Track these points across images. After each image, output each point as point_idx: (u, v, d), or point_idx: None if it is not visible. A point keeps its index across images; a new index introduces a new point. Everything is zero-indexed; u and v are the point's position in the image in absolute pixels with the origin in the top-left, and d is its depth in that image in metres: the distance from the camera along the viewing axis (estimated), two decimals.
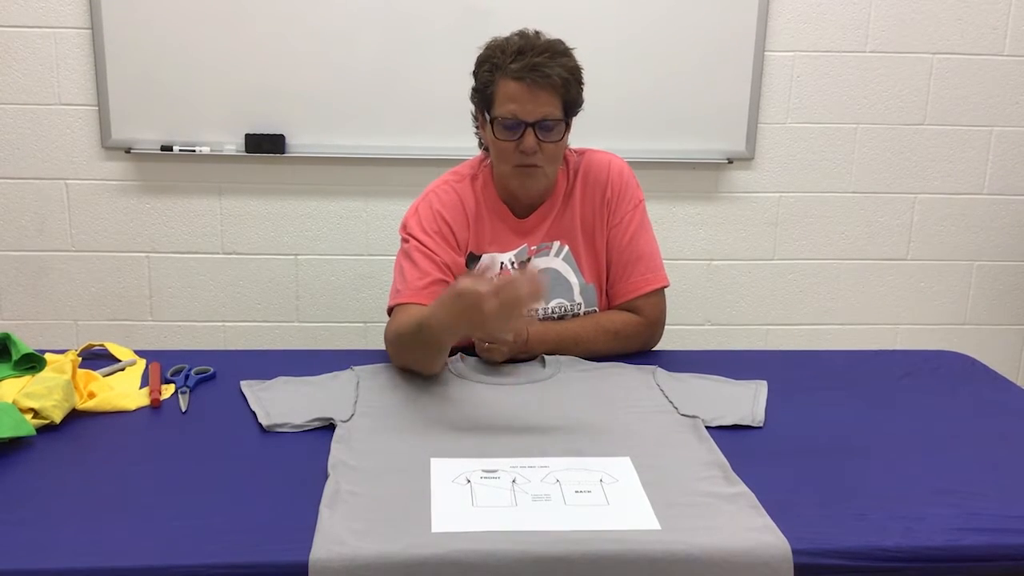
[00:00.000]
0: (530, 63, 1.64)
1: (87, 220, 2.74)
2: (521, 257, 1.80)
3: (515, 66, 1.65)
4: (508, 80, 1.66)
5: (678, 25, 2.68)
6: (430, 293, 1.68)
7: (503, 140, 1.69)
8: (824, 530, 1.19)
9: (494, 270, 1.78)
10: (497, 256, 1.80)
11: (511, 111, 1.67)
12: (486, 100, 1.72)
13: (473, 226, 1.79)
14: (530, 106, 1.66)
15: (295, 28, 2.61)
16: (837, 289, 2.98)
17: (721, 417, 1.51)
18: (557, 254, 1.81)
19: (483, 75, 1.71)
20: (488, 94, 1.70)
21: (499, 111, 1.68)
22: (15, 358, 1.61)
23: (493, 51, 1.70)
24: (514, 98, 1.66)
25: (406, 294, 1.71)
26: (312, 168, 2.75)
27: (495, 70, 1.68)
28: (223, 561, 1.10)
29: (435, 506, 1.20)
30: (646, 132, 2.75)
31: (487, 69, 1.70)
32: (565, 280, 1.81)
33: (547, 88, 1.65)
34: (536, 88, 1.65)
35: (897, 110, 2.84)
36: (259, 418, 1.48)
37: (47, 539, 1.14)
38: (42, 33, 2.60)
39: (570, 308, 1.81)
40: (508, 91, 1.67)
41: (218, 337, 2.85)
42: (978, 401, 1.64)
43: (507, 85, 1.67)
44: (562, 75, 1.66)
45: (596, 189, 1.82)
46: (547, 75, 1.64)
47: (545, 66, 1.64)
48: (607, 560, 1.12)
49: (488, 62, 1.70)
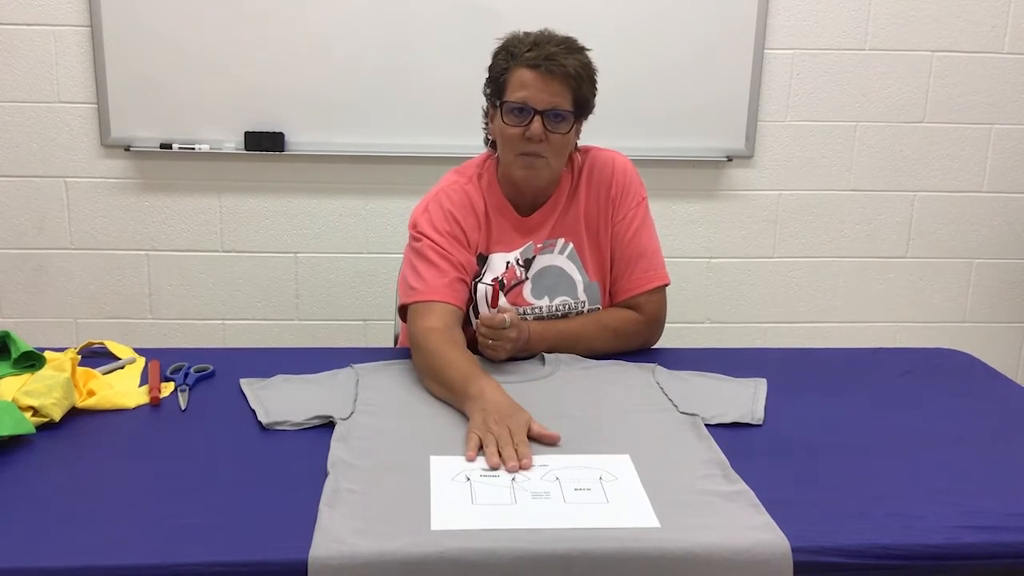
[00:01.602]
0: (546, 52, 1.67)
1: (86, 218, 2.74)
2: (527, 255, 1.80)
3: (531, 54, 1.68)
4: (522, 68, 1.69)
5: (677, 23, 2.68)
6: (453, 291, 1.70)
7: (511, 125, 1.70)
8: (823, 528, 1.19)
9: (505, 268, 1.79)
10: (504, 256, 1.80)
11: (522, 97, 1.69)
12: (499, 87, 1.73)
13: (483, 226, 1.79)
14: (541, 94, 1.68)
15: (295, 26, 2.61)
16: (836, 287, 2.98)
17: (721, 415, 1.51)
18: (561, 251, 1.82)
19: (498, 63, 1.74)
20: (501, 81, 1.72)
21: (510, 96, 1.70)
22: (15, 356, 1.61)
23: (511, 41, 1.73)
24: (526, 85, 1.68)
25: (427, 292, 1.70)
26: (312, 166, 2.75)
27: (511, 58, 1.71)
28: (223, 559, 1.10)
29: (435, 504, 1.20)
30: (645, 130, 2.75)
31: (502, 58, 1.73)
32: (569, 277, 1.81)
33: (560, 78, 1.67)
34: (549, 77, 1.67)
35: (897, 108, 2.84)
36: (259, 416, 1.48)
37: (46, 537, 1.14)
38: (42, 31, 2.60)
39: (573, 306, 1.81)
40: (521, 78, 1.69)
41: (217, 335, 2.85)
42: (977, 399, 1.64)
43: (521, 73, 1.69)
44: (576, 68, 1.68)
45: (601, 187, 1.82)
46: (561, 65, 1.67)
47: (560, 57, 1.67)
48: (606, 558, 1.12)
49: (504, 51, 1.73)
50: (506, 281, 1.78)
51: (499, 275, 1.78)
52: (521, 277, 1.79)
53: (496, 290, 1.77)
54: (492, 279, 1.78)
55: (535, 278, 1.80)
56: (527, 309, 1.79)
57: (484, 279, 1.78)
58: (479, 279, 1.78)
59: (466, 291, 1.75)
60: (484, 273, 1.78)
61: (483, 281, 1.78)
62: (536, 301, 1.80)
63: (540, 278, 1.80)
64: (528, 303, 1.79)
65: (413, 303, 1.71)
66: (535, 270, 1.80)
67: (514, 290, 1.79)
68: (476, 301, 1.77)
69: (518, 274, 1.79)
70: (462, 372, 1.53)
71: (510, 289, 1.79)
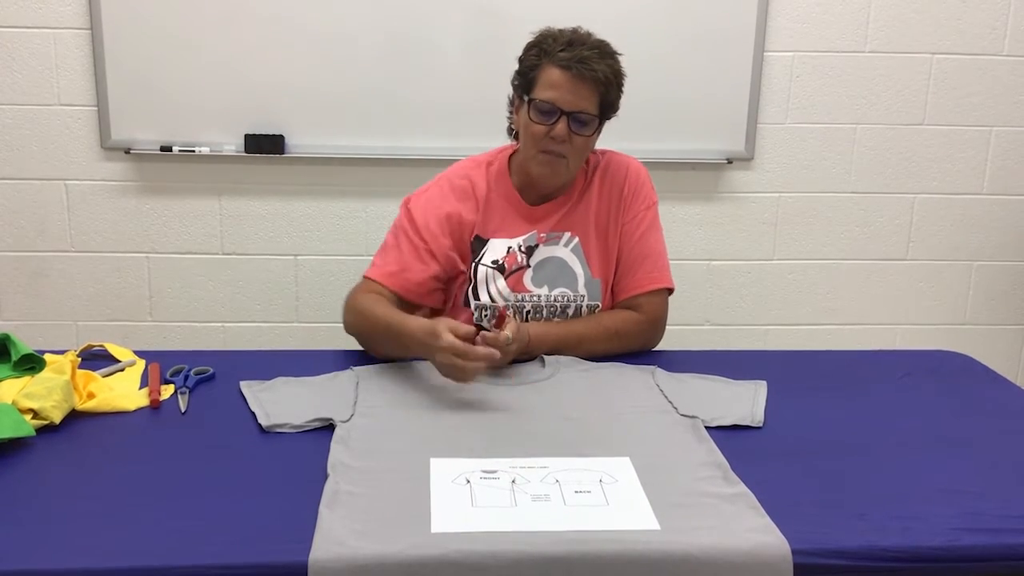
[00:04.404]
0: (579, 55, 1.68)
1: (86, 221, 2.75)
2: (530, 243, 1.82)
3: (564, 55, 1.69)
4: (553, 67, 1.70)
5: (677, 25, 2.68)
6: (403, 281, 1.78)
7: (536, 123, 1.72)
8: (823, 530, 1.19)
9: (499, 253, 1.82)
10: (505, 241, 1.82)
11: (550, 97, 1.70)
12: (528, 82, 1.75)
13: (482, 209, 1.82)
14: (570, 96, 1.69)
15: (294, 28, 2.61)
16: (836, 289, 2.98)
17: (721, 417, 1.51)
18: (566, 244, 1.84)
19: (530, 58, 1.75)
20: (531, 77, 1.74)
21: (539, 95, 1.72)
22: (15, 359, 1.61)
23: (544, 37, 1.74)
24: (556, 85, 1.70)
25: (377, 273, 1.80)
26: (312, 168, 2.75)
27: (543, 55, 1.72)
28: (222, 562, 1.10)
29: (435, 506, 1.20)
30: (645, 132, 2.74)
31: (535, 53, 1.74)
32: (570, 270, 1.83)
33: (590, 82, 1.69)
34: (579, 80, 1.69)
35: (896, 110, 2.84)
36: (259, 418, 1.48)
37: (46, 540, 1.14)
38: (42, 34, 2.60)
39: (572, 298, 1.83)
40: (551, 77, 1.70)
41: (217, 337, 2.85)
42: (977, 401, 1.64)
43: (551, 72, 1.70)
44: (606, 74, 1.70)
45: (614, 188, 1.85)
46: (593, 70, 1.68)
47: (592, 61, 1.68)
48: (607, 560, 1.12)
49: (537, 46, 1.74)
50: (507, 265, 1.81)
51: (499, 258, 1.81)
52: (522, 263, 1.82)
53: (503, 314, 1.80)
54: (492, 261, 1.81)
55: (537, 267, 1.82)
56: (525, 296, 1.81)
57: (484, 260, 1.81)
58: (479, 261, 1.81)
59: (427, 283, 1.79)
60: (483, 255, 1.81)
61: (483, 263, 1.80)
62: (535, 289, 1.82)
63: (541, 267, 1.82)
64: (527, 290, 1.82)
65: (366, 277, 1.81)
66: (537, 259, 1.82)
67: (515, 276, 1.82)
68: (476, 283, 1.81)
69: (519, 260, 1.82)
70: (391, 318, 1.67)
71: (510, 274, 1.81)
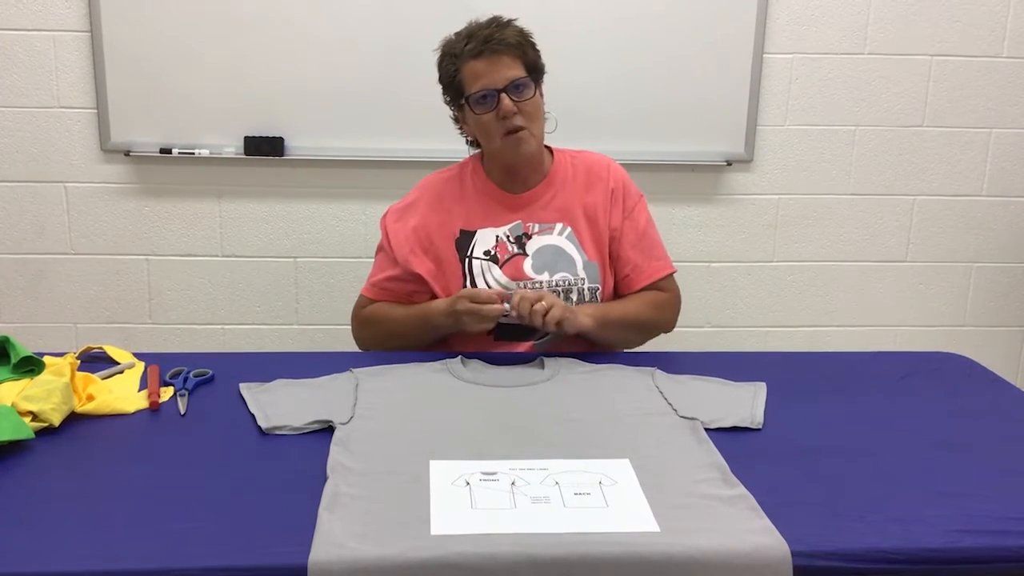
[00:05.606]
0: (483, 37, 1.76)
1: (86, 223, 2.75)
2: (516, 232, 1.87)
3: (471, 46, 1.77)
4: (469, 61, 1.78)
5: (677, 27, 2.69)
6: (380, 290, 1.91)
7: (483, 114, 1.79)
8: (823, 532, 1.19)
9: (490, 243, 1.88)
10: (492, 231, 1.87)
11: (481, 85, 1.77)
12: (456, 88, 1.82)
13: (463, 202, 1.89)
14: (496, 74, 1.76)
15: (294, 31, 2.61)
16: (836, 291, 2.98)
17: (720, 419, 1.50)
18: (560, 233, 1.89)
19: (446, 69, 1.82)
20: (457, 82, 1.81)
21: (470, 90, 1.78)
22: (14, 361, 1.61)
23: (447, 46, 1.83)
24: (480, 74, 1.77)
25: (369, 289, 1.93)
26: (311, 171, 2.75)
27: (455, 59, 1.80)
28: (222, 564, 1.10)
29: (434, 508, 1.20)
30: (645, 134, 2.75)
31: (448, 62, 1.82)
32: (568, 255, 1.88)
33: (505, 53, 1.76)
34: (495, 56, 1.76)
35: (896, 112, 2.84)
36: (258, 420, 1.48)
37: (45, 542, 1.13)
38: (41, 36, 2.60)
39: (573, 282, 1.87)
40: (473, 70, 1.77)
41: (217, 339, 2.85)
42: (977, 403, 1.64)
43: (470, 66, 1.78)
44: (515, 38, 1.78)
45: (598, 182, 1.92)
46: (500, 40, 1.76)
47: (496, 35, 1.76)
48: (606, 562, 1.12)
49: (446, 56, 1.82)
50: (499, 255, 1.85)
51: (490, 248, 1.86)
52: (513, 251, 1.87)
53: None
54: (484, 252, 1.85)
55: (535, 255, 1.87)
56: (528, 283, 1.85)
57: (475, 253, 1.85)
58: (470, 255, 1.85)
59: (413, 293, 1.89)
60: (473, 248, 1.86)
61: (475, 256, 1.85)
62: (536, 276, 1.86)
63: (540, 255, 1.87)
64: (529, 277, 1.86)
65: (362, 294, 1.95)
66: (534, 248, 1.87)
67: (515, 265, 1.86)
68: (472, 277, 1.85)
69: (510, 249, 1.87)
70: (409, 311, 1.84)
71: (505, 262, 1.86)
